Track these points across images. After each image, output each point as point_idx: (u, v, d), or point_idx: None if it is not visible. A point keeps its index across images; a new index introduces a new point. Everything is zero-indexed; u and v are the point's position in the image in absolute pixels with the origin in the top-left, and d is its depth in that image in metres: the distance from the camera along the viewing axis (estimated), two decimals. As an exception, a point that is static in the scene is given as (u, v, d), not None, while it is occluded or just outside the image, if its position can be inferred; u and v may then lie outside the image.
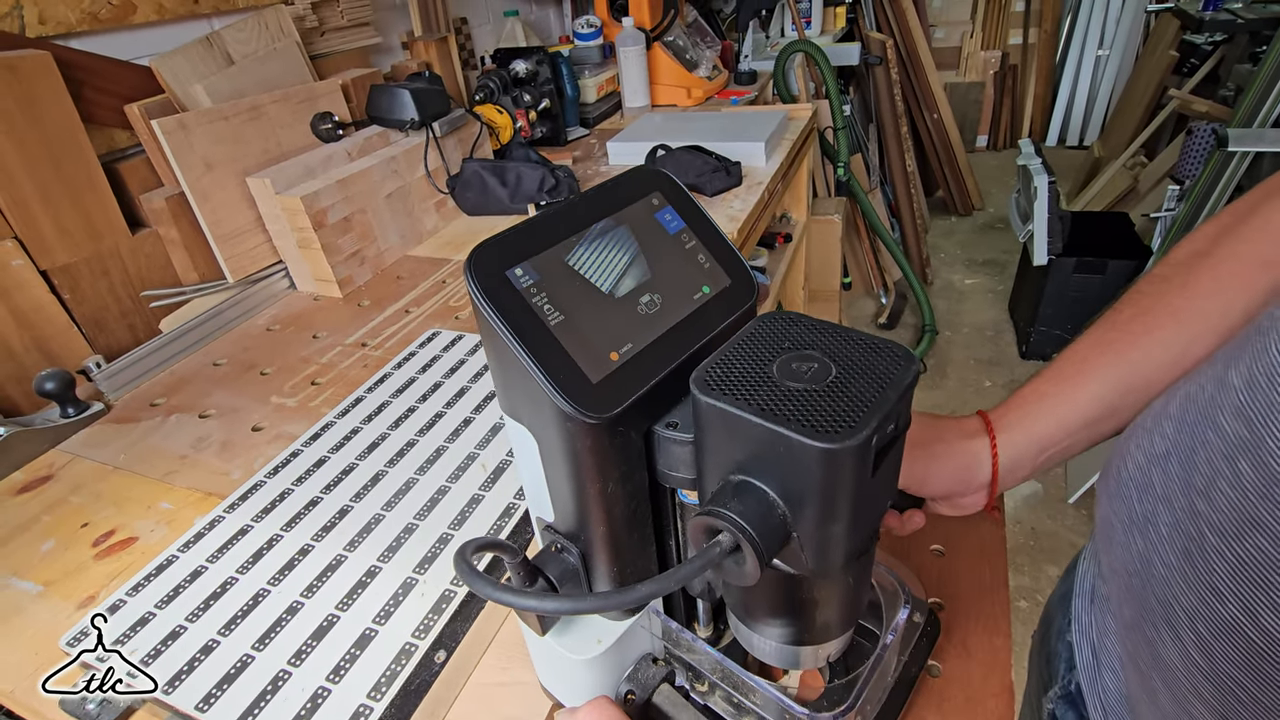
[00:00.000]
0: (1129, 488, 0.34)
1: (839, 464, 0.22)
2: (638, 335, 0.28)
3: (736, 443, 0.24)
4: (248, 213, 0.95)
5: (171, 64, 0.89)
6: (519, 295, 0.26)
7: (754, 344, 0.26)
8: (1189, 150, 2.13)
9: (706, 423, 0.25)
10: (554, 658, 0.35)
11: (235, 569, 0.49)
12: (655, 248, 0.30)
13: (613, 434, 0.27)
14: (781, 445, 0.23)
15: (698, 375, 0.25)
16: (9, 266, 0.77)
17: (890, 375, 0.24)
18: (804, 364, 0.25)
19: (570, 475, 0.28)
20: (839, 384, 0.24)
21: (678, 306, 0.29)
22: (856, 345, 0.25)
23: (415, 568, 0.47)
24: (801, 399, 0.23)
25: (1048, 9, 3.76)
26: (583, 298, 0.27)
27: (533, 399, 0.27)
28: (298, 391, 0.78)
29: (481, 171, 1.16)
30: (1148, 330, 0.41)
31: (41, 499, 0.67)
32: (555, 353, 0.25)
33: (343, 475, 0.57)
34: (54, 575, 0.58)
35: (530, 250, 0.27)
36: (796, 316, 0.27)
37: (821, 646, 0.31)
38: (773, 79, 1.95)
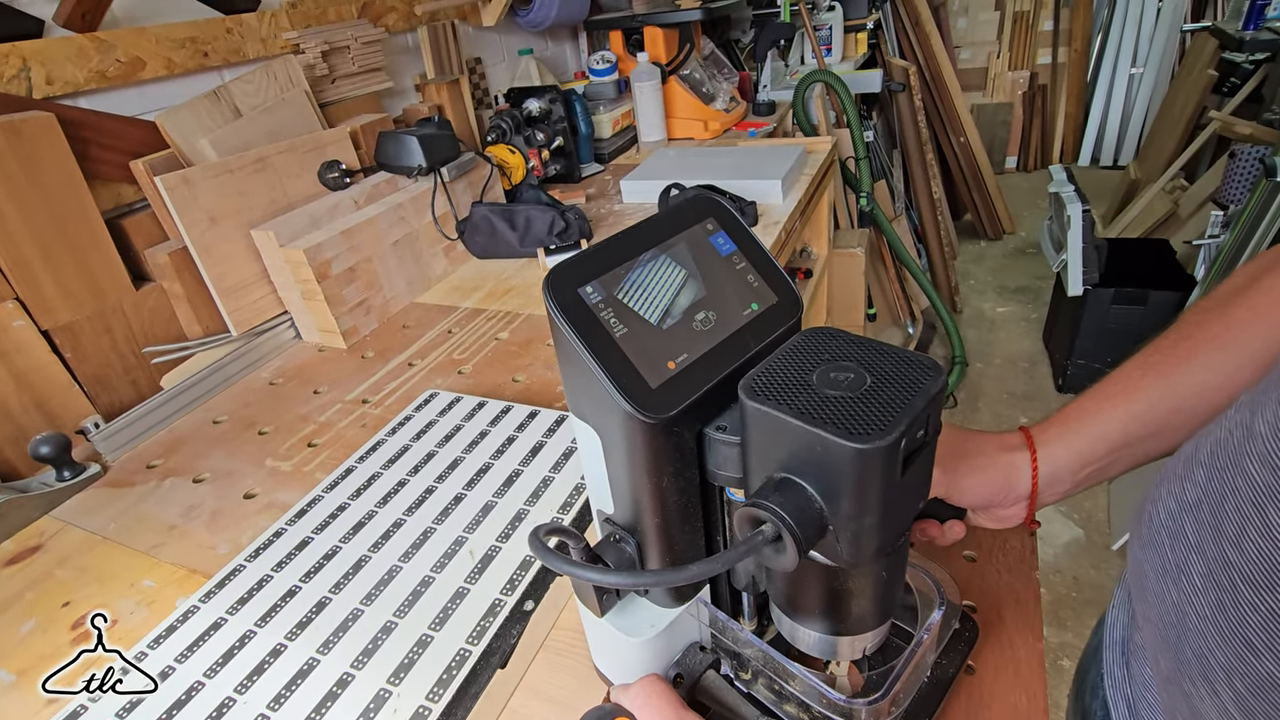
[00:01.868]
0: (1161, 535, 0.34)
1: (870, 463, 0.25)
2: (693, 347, 0.31)
3: (779, 443, 0.27)
4: (253, 265, 0.94)
5: (177, 119, 0.89)
6: (589, 310, 0.29)
7: (797, 356, 0.29)
8: (1232, 174, 2.04)
9: (753, 425, 0.28)
10: (610, 639, 0.38)
11: (203, 672, 0.46)
12: (709, 268, 0.33)
13: (668, 434, 0.30)
14: (819, 445, 0.25)
15: (745, 382, 0.28)
16: (9, 328, 0.77)
17: (919, 384, 0.26)
18: (841, 374, 0.27)
19: (629, 470, 0.32)
20: (872, 392, 0.26)
21: (729, 322, 0.32)
22: (889, 358, 0.28)
23: (390, 677, 0.44)
24: (838, 404, 0.26)
25: (1078, 28, 3.68)
26: (644, 314, 0.31)
27: (598, 400, 0.30)
28: (294, 454, 0.76)
29: (490, 215, 1.14)
30: (1190, 355, 0.42)
31: (28, 572, 0.65)
32: (619, 360, 0.29)
33: (324, 560, 0.54)
34: (29, 662, 0.55)
35: (599, 271, 0.31)
36: (836, 332, 0.30)
37: (858, 638, 0.33)
38: (792, 109, 1.92)
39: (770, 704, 0.38)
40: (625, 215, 1.30)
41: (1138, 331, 1.90)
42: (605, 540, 0.36)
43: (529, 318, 0.98)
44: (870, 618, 0.33)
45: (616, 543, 0.35)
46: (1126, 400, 0.43)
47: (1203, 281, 1.76)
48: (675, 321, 0.31)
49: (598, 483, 0.35)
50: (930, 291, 2.19)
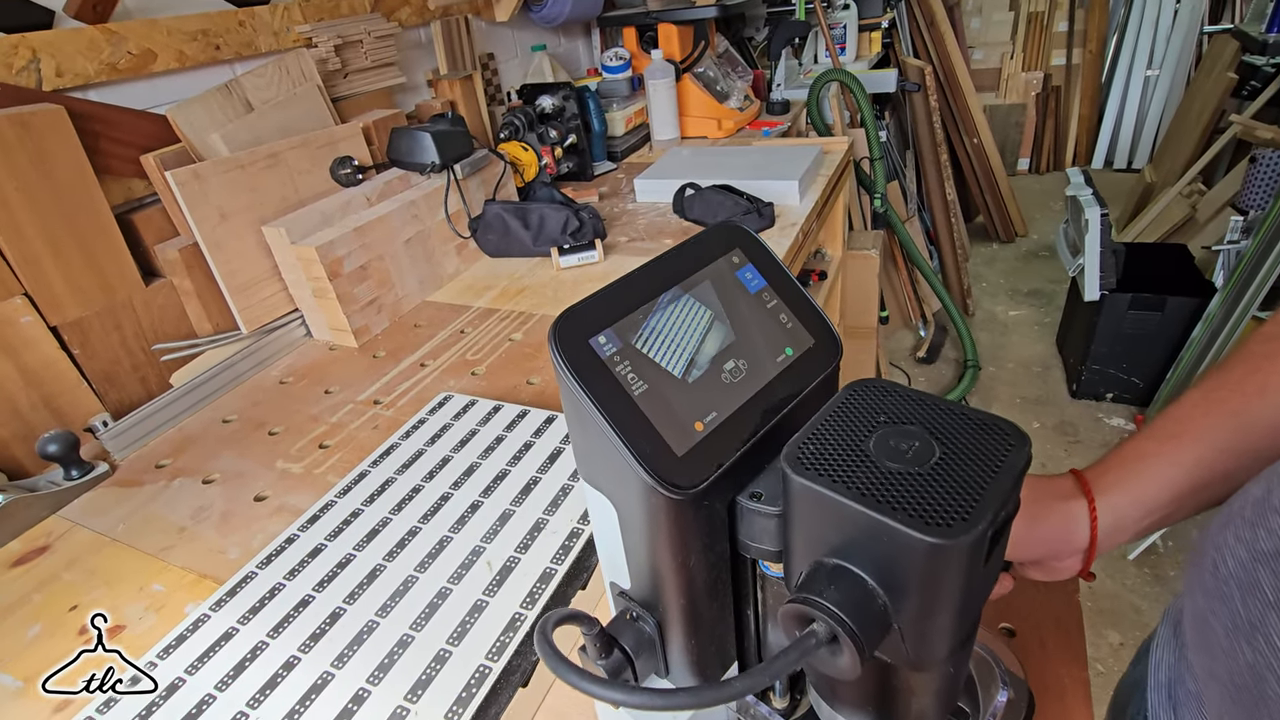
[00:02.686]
0: (1230, 586, 0.31)
1: (950, 559, 0.21)
2: (722, 403, 0.27)
3: (832, 526, 0.23)
4: (264, 261, 0.93)
5: (188, 113, 0.87)
6: (602, 364, 0.26)
7: (847, 416, 0.25)
8: (1253, 179, 2.01)
9: (799, 503, 0.24)
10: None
11: (214, 684, 0.45)
12: (737, 309, 0.30)
13: (697, 508, 0.27)
14: (885, 535, 0.21)
15: (790, 452, 0.24)
16: (18, 323, 0.75)
17: (1001, 457, 0.22)
18: (903, 441, 0.24)
19: (650, 547, 0.28)
20: (945, 466, 0.22)
21: (762, 371, 0.29)
22: (959, 421, 0.24)
23: (408, 694, 0.42)
24: (905, 482, 0.22)
25: (1093, 29, 3.64)
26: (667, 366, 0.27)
27: (614, 470, 0.27)
28: (305, 455, 0.75)
29: (504, 214, 1.12)
30: (1262, 390, 0.38)
31: (35, 574, 0.64)
32: (640, 424, 0.25)
33: (338, 569, 0.53)
34: (36, 668, 0.54)
35: (613, 316, 0.27)
36: (890, 386, 0.26)
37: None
38: (806, 108, 1.90)
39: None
40: (639, 214, 1.28)
41: (1154, 338, 1.87)
42: (621, 619, 0.33)
43: (542, 318, 0.96)
44: (930, 715, 0.29)
45: (634, 621, 0.32)
46: (1194, 441, 0.39)
47: (1223, 288, 1.74)
48: (702, 373, 0.27)
49: (612, 555, 0.31)
50: (943, 294, 2.17)
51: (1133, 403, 2.00)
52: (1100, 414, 2.00)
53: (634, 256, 1.10)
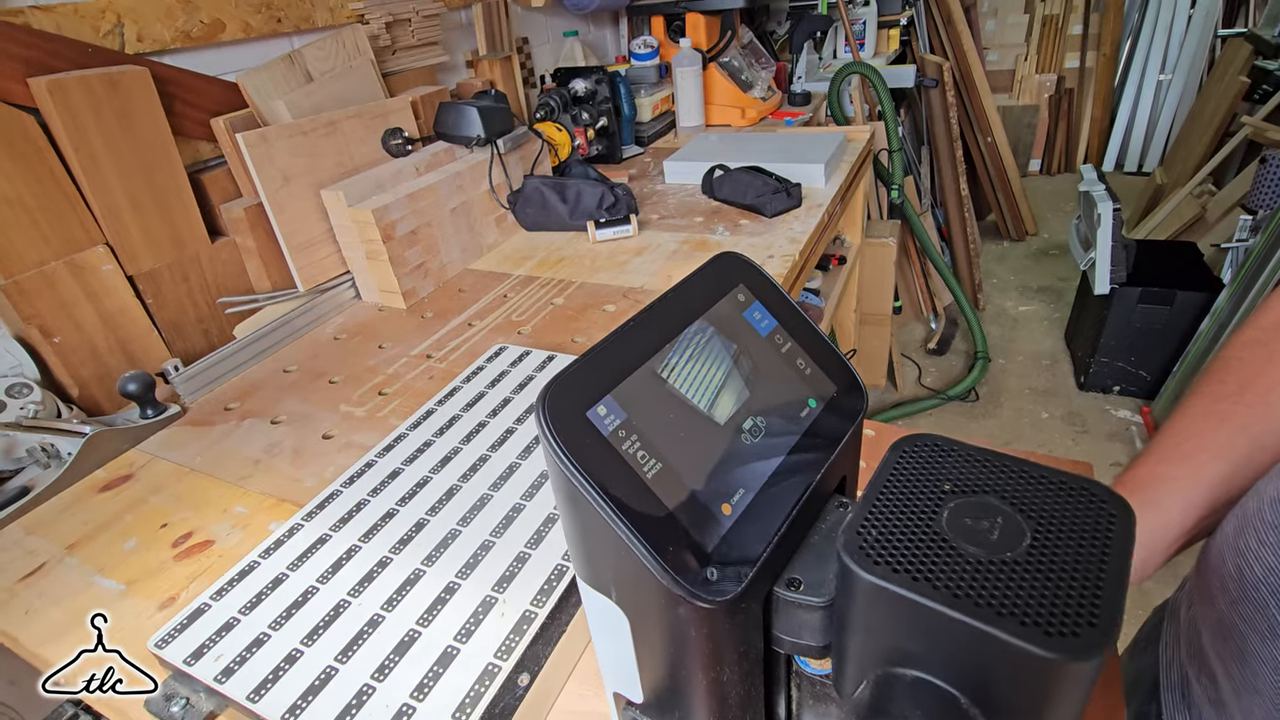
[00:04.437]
0: (1261, 592, 0.31)
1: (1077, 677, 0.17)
2: (749, 476, 0.23)
3: (911, 632, 0.19)
4: (320, 224, 0.98)
5: (256, 80, 0.92)
6: (605, 443, 0.21)
7: (906, 487, 0.21)
8: (1263, 179, 2.05)
9: (865, 603, 0.20)
10: None
11: (316, 578, 0.50)
12: (749, 357, 0.25)
13: (733, 612, 0.21)
14: (988, 647, 0.17)
15: (849, 540, 0.20)
16: (99, 271, 0.80)
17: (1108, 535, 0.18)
18: (983, 518, 0.20)
19: (674, 660, 0.24)
20: (1042, 551, 0.18)
21: (785, 430, 0.24)
22: (1041, 487, 0.20)
23: (494, 586, 0.47)
24: (1001, 576, 0.18)
25: (1107, 32, 3.68)
26: (682, 434, 0.22)
27: (628, 574, 0.22)
28: (366, 401, 0.79)
29: (543, 188, 1.17)
30: (1265, 400, 0.37)
31: (123, 498, 0.69)
32: (659, 517, 0.21)
33: (417, 488, 0.58)
34: (136, 574, 0.59)
35: (612, 381, 0.22)
36: (946, 443, 0.22)
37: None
38: (827, 100, 1.94)
39: None
40: (668, 194, 1.33)
41: (1162, 332, 1.91)
42: None
43: (583, 285, 1.01)
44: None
45: None
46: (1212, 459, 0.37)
47: (1231, 284, 1.78)
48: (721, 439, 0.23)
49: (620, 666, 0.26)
50: (955, 287, 2.21)
51: (1139, 395, 2.05)
52: (1107, 406, 2.04)
53: (667, 233, 1.15)
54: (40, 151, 0.74)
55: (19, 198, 0.73)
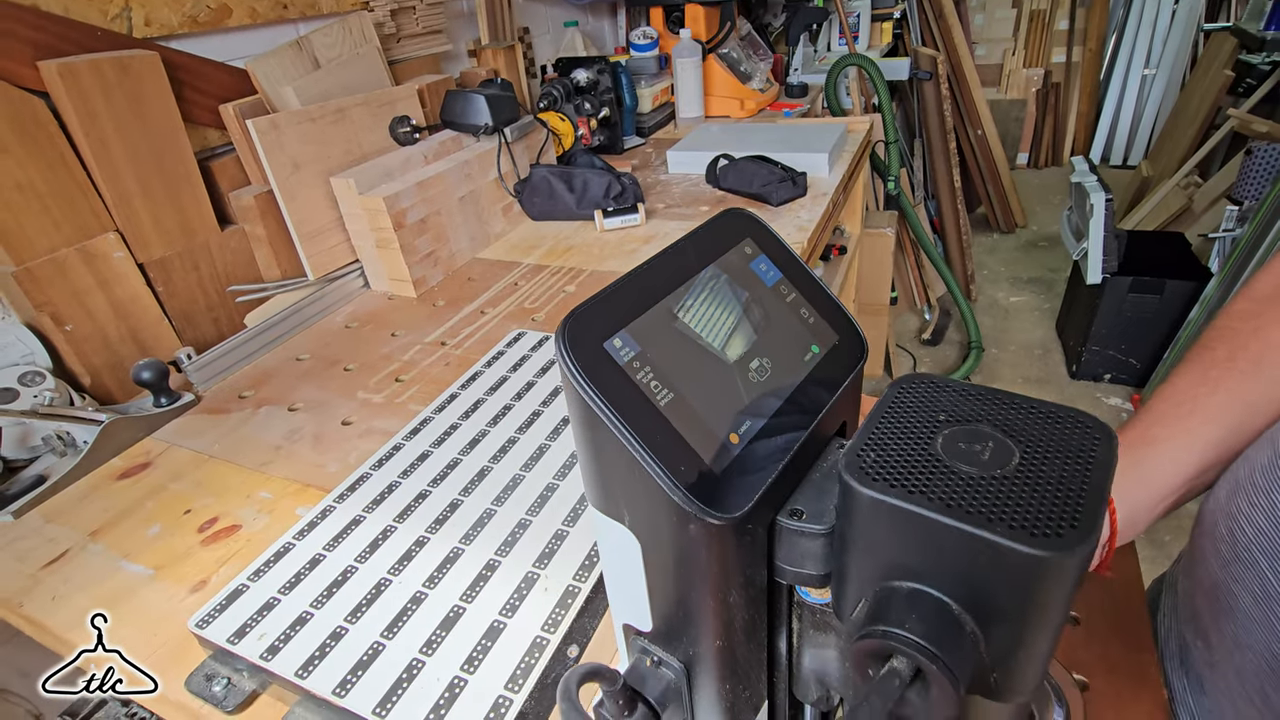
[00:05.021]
0: (1253, 553, 0.32)
1: (1061, 574, 0.18)
2: (756, 410, 0.24)
3: (908, 544, 0.20)
4: (329, 212, 0.97)
5: (265, 66, 0.91)
6: (621, 372, 0.22)
7: (904, 417, 0.22)
8: (1248, 170, 2.09)
9: (865, 519, 0.21)
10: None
11: (354, 558, 0.50)
12: (756, 303, 0.27)
13: (740, 533, 0.23)
14: (982, 552, 0.19)
15: (850, 461, 0.21)
16: (111, 258, 0.79)
17: (1092, 454, 0.20)
18: (975, 442, 0.21)
19: (683, 583, 0.25)
20: (1031, 469, 0.20)
21: (790, 371, 0.26)
22: (1030, 415, 0.21)
23: (535, 562, 0.48)
24: (991, 489, 0.19)
25: (1093, 28, 3.72)
26: (693, 369, 0.24)
27: (640, 495, 0.23)
28: (383, 388, 0.79)
29: (550, 177, 1.17)
30: (1256, 367, 0.38)
31: (143, 485, 0.68)
32: (670, 439, 0.22)
33: (448, 470, 0.58)
34: (163, 560, 0.59)
35: (628, 316, 0.23)
36: (942, 381, 0.24)
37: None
38: (824, 92, 1.96)
39: None
40: (673, 184, 1.33)
41: (1153, 320, 1.95)
42: (640, 666, 0.29)
43: (593, 273, 1.01)
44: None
45: (656, 667, 0.29)
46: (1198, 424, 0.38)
47: (1219, 273, 1.81)
48: (729, 377, 0.24)
49: (630, 594, 0.27)
50: (949, 278, 2.24)
51: (1130, 383, 2.08)
52: (1099, 394, 2.08)
53: (673, 221, 1.16)
54: (51, 136, 0.73)
55: (30, 183, 0.72)
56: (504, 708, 0.39)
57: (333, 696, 0.40)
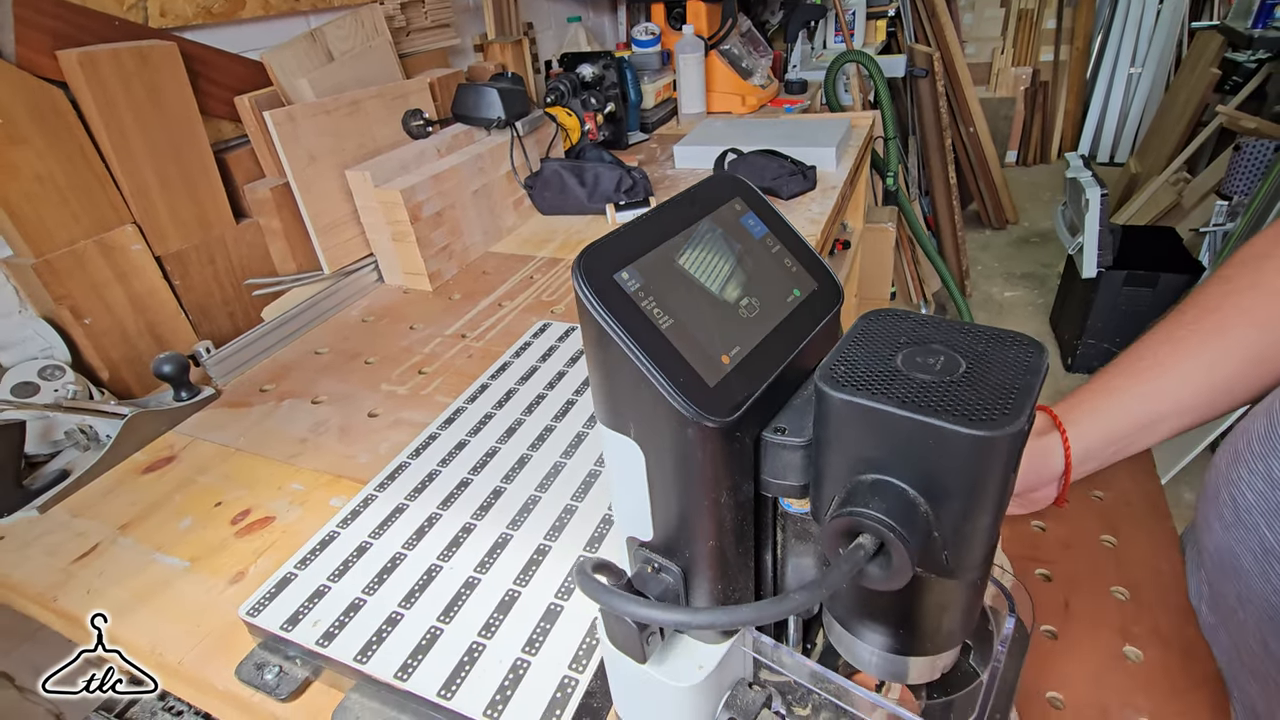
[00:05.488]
0: (1254, 515, 0.34)
1: (996, 453, 0.21)
2: (744, 339, 0.27)
3: (871, 439, 0.23)
4: (344, 205, 0.97)
5: (280, 58, 0.91)
6: (628, 299, 0.25)
7: (870, 341, 0.26)
8: (1237, 166, 2.12)
9: (837, 420, 0.24)
10: (651, 689, 0.33)
11: (401, 544, 0.50)
12: (747, 252, 0.30)
13: (730, 439, 0.26)
14: (931, 438, 0.22)
15: (824, 373, 0.24)
16: (129, 251, 0.78)
17: (1025, 363, 0.23)
18: (929, 357, 0.24)
19: (681, 487, 0.28)
20: (974, 375, 0.23)
21: (774, 310, 0.29)
22: (975, 337, 0.25)
23: (585, 546, 0.48)
24: (941, 391, 0.22)
25: (1079, 27, 3.77)
26: (690, 303, 0.27)
27: (645, 406, 0.26)
28: (406, 380, 0.79)
29: (561, 171, 1.17)
30: (1220, 329, 0.41)
31: (169, 478, 0.68)
32: (670, 356, 0.25)
33: (487, 458, 0.58)
34: (198, 551, 0.58)
35: (634, 254, 0.26)
36: (904, 313, 0.27)
37: (938, 656, 0.29)
38: (823, 88, 1.97)
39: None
40: (680, 179, 1.34)
41: (1148, 313, 1.98)
42: (642, 573, 0.32)
43: (609, 266, 1.01)
44: (957, 632, 0.29)
45: (656, 573, 0.31)
46: (1156, 377, 0.42)
47: (1211, 266, 1.85)
48: (722, 310, 0.27)
49: (634, 505, 0.30)
50: (945, 273, 2.26)
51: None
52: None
53: (685, 214, 1.16)
54: (70, 127, 0.72)
55: (49, 174, 0.71)
56: (570, 687, 0.39)
57: (395, 680, 0.40)
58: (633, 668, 0.33)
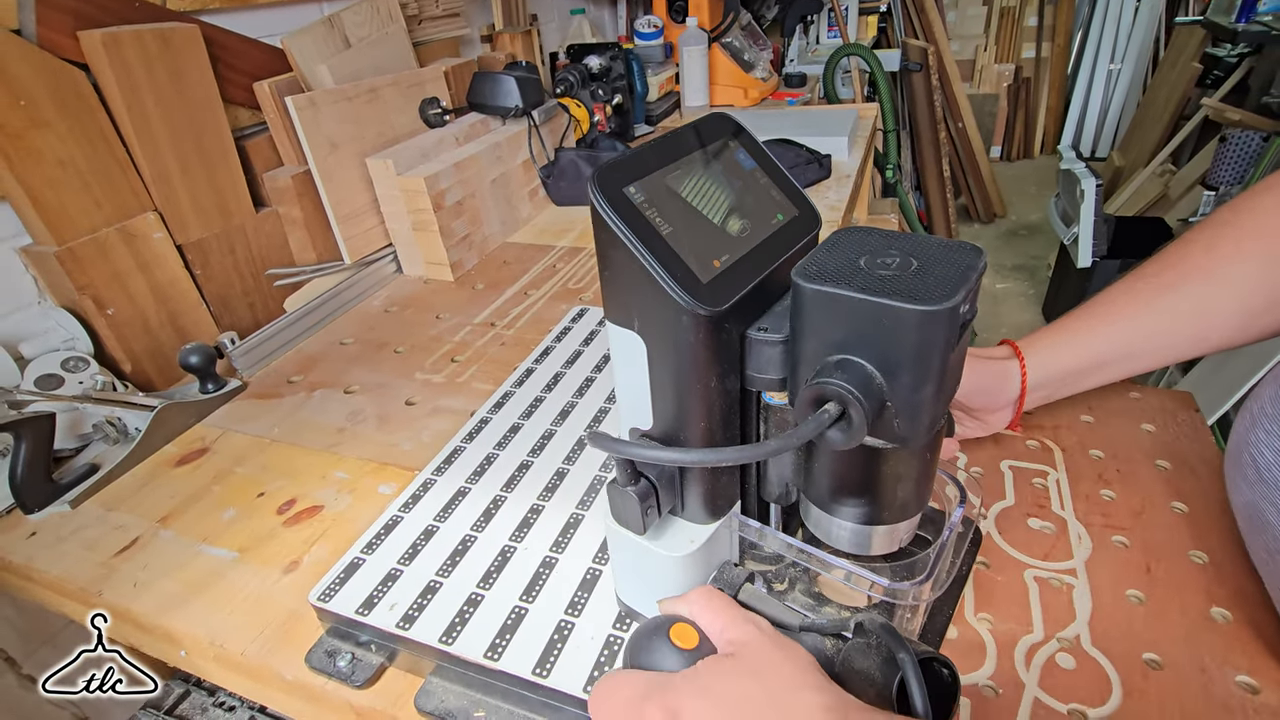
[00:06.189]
0: (1274, 474, 0.37)
1: (935, 327, 0.26)
2: (732, 249, 0.31)
3: (836, 324, 0.28)
4: (364, 194, 0.95)
5: (299, 43, 0.89)
6: (635, 209, 0.29)
7: (839, 248, 0.30)
8: (1222, 157, 2.17)
9: (809, 309, 0.28)
10: (650, 561, 0.37)
11: (470, 527, 0.49)
12: (737, 180, 0.34)
13: (719, 329, 0.30)
14: (884, 316, 0.26)
15: (799, 270, 0.28)
16: (150, 239, 0.76)
17: (965, 262, 0.28)
18: (888, 259, 0.28)
19: (677, 373, 0.31)
20: (923, 270, 0.27)
21: (760, 229, 0.33)
22: (928, 245, 0.29)
23: (661, 524, 0.47)
24: (895, 281, 0.27)
25: (1060, 24, 3.84)
26: (686, 216, 0.31)
27: (647, 300, 0.30)
28: (440, 368, 0.78)
29: (578, 160, 1.16)
30: (1173, 284, 0.46)
31: (205, 470, 0.66)
32: (670, 256, 0.29)
33: (544, 440, 0.57)
34: (246, 542, 0.57)
35: (640, 173, 0.30)
36: (870, 229, 0.31)
37: (896, 527, 0.35)
38: (822, 82, 1.98)
39: (809, 610, 0.38)
40: (692, 169, 1.33)
41: (1141, 302, 2.01)
42: None
43: (633, 254, 1.01)
44: (911, 504, 0.34)
45: None
46: (1112, 320, 0.47)
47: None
48: (714, 225, 0.31)
49: (636, 396, 0.34)
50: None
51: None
52: (1089, 375, 2.14)
53: (702, 203, 1.16)
54: (92, 110, 0.70)
55: (71, 159, 0.68)
56: (669, 662, 0.38)
57: (486, 660, 0.39)
58: (633, 545, 0.37)
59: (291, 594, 0.51)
